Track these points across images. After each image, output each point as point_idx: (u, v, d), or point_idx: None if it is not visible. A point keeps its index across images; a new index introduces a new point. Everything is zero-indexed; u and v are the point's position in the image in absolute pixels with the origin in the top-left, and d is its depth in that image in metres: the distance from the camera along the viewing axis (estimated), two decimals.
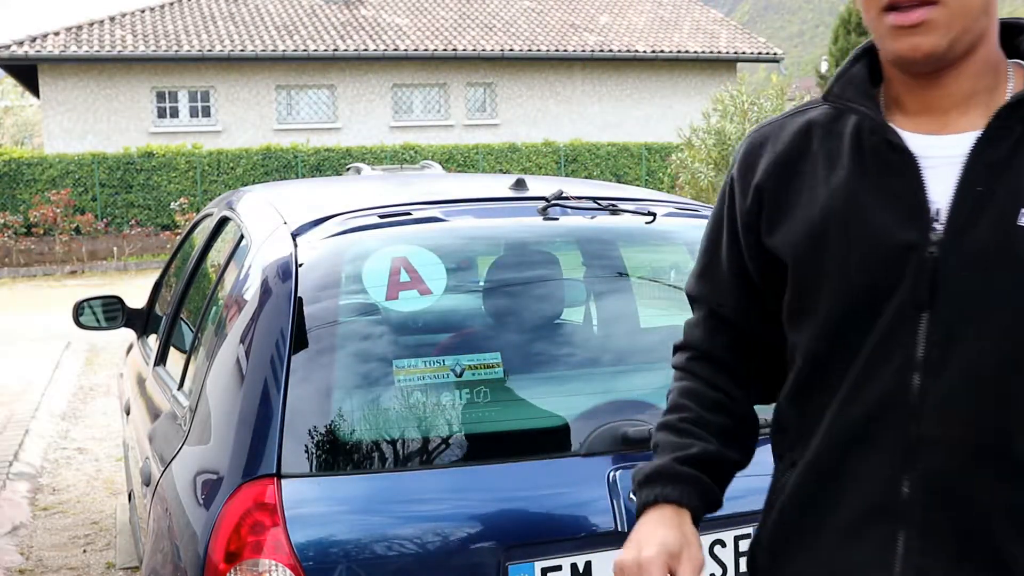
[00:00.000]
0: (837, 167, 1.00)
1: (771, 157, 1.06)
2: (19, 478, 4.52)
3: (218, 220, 2.46)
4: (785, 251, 1.02)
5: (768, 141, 1.07)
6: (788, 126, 1.07)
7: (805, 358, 1.02)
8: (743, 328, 1.12)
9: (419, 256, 1.76)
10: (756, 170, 1.07)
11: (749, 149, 1.09)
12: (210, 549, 1.44)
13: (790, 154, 1.05)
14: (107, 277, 14.13)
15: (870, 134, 0.99)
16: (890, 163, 0.97)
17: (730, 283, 1.12)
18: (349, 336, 1.67)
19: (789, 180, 1.03)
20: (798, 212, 1.02)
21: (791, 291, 1.03)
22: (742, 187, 1.08)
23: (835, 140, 1.02)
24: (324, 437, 1.53)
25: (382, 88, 18.29)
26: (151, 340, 2.95)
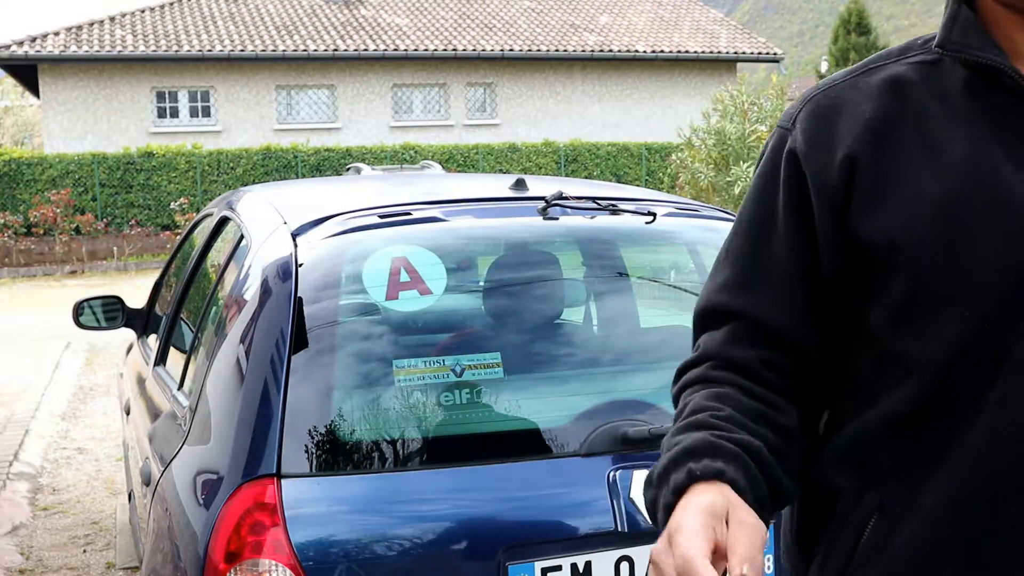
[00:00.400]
0: (955, 132, 0.82)
1: (857, 122, 0.85)
2: (19, 478, 4.52)
3: (218, 220, 2.46)
4: (895, 236, 0.81)
5: (842, 105, 0.87)
6: (863, 86, 0.88)
7: (927, 371, 0.80)
8: (800, 346, 0.88)
9: (419, 256, 1.76)
10: (838, 139, 0.85)
11: (816, 116, 0.88)
12: (210, 549, 1.44)
13: (883, 118, 0.85)
14: (107, 277, 14.13)
15: (1003, 90, 0.81)
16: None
17: (788, 288, 0.88)
18: (349, 336, 1.67)
19: (888, 150, 0.83)
20: (907, 189, 0.82)
21: (902, 287, 0.81)
22: (819, 162, 0.86)
23: (942, 99, 0.84)
24: (324, 437, 1.53)
25: (382, 88, 18.28)
26: (151, 340, 2.95)
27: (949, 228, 0.80)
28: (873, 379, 0.84)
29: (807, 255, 0.88)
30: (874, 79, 0.88)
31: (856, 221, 0.84)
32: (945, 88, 0.84)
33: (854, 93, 0.88)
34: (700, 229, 2.08)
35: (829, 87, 0.90)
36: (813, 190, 0.86)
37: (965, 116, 0.82)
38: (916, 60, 0.88)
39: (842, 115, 0.87)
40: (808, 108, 0.90)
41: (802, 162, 0.87)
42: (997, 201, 0.79)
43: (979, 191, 0.79)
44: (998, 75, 0.81)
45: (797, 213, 0.88)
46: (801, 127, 0.89)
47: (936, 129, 0.83)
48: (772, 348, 0.88)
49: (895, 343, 0.82)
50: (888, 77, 0.87)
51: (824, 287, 0.87)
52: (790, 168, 0.89)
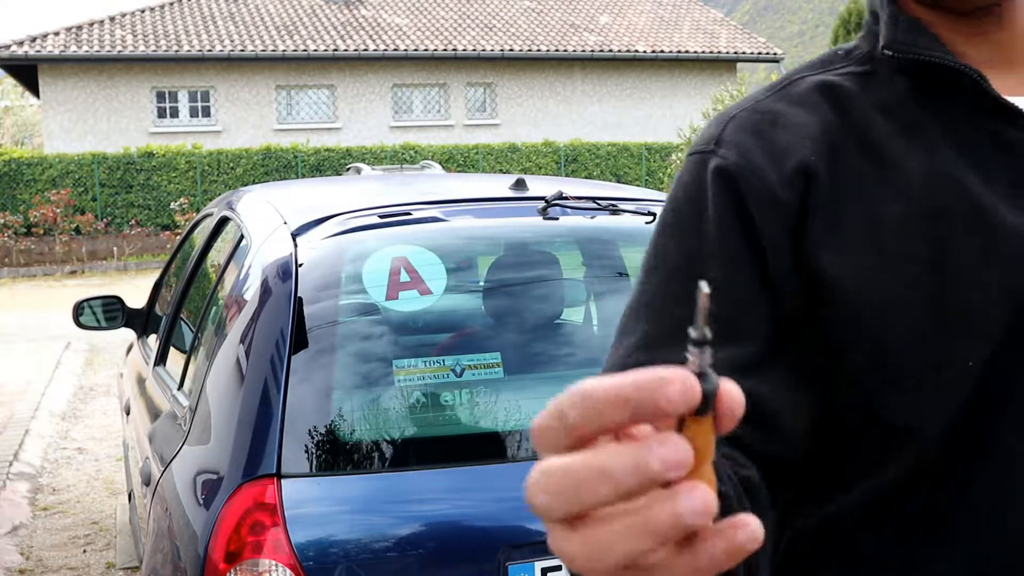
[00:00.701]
0: (908, 145, 0.68)
1: (801, 131, 0.70)
2: (19, 478, 4.52)
3: (218, 220, 2.45)
4: (863, 269, 0.65)
5: (778, 117, 0.71)
6: (793, 98, 0.73)
7: (923, 439, 0.64)
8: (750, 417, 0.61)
9: (419, 256, 1.76)
10: (784, 150, 0.69)
11: (748, 130, 0.71)
12: (210, 549, 1.44)
13: (827, 130, 0.70)
14: (107, 277, 14.12)
15: (958, 96, 0.69)
16: (999, 137, 0.67)
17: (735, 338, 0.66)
18: (349, 336, 1.67)
19: (840, 165, 0.68)
20: (870, 213, 0.66)
21: (881, 333, 0.64)
22: (763, 174, 0.68)
23: (886, 112, 0.70)
24: (324, 437, 1.53)
25: (382, 88, 18.28)
26: (151, 340, 2.95)
27: (929, 255, 0.65)
28: (852, 453, 0.67)
29: (754, 291, 0.66)
30: (802, 89, 0.73)
31: (816, 249, 0.66)
32: (887, 100, 0.70)
33: (785, 105, 0.72)
34: None
35: (751, 104, 0.74)
36: (759, 208, 0.67)
37: (916, 129, 0.68)
38: (845, 72, 0.73)
39: (780, 126, 0.70)
40: (735, 124, 0.72)
41: (739, 179, 0.68)
42: (980, 222, 0.65)
43: (954, 209, 0.65)
44: (953, 79, 0.68)
45: (739, 242, 0.67)
46: (730, 143, 0.70)
47: (887, 144, 0.68)
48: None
49: (878, 406, 0.65)
50: (820, 84, 0.72)
51: (778, 330, 0.66)
52: (723, 189, 0.68)
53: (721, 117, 0.74)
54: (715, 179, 0.69)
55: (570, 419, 0.35)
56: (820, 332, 0.66)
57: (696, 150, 0.73)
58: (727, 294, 0.66)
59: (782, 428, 0.65)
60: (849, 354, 0.65)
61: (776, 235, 0.67)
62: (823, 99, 0.72)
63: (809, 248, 0.66)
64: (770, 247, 0.67)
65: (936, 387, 0.64)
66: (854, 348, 0.65)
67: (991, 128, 0.68)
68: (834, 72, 0.74)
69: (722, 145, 0.71)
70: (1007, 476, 0.64)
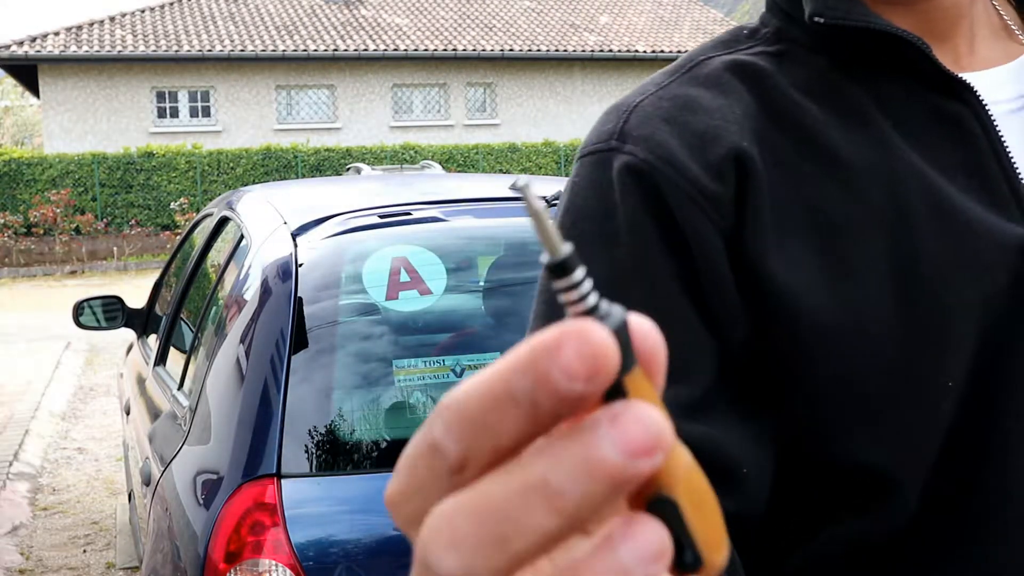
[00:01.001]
0: (852, 133, 0.57)
1: (726, 119, 0.57)
2: (19, 478, 4.52)
3: (218, 220, 2.45)
4: (813, 293, 0.54)
5: (690, 102, 0.58)
6: (702, 80, 0.60)
7: (903, 484, 0.54)
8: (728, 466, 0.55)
9: (419, 256, 1.76)
10: (707, 135, 0.56)
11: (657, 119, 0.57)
12: (210, 549, 1.44)
13: (753, 117, 0.58)
14: (107, 277, 14.12)
15: (898, 73, 0.58)
16: (945, 117, 0.57)
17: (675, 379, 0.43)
18: (349, 336, 1.67)
19: (771, 160, 0.56)
20: (816, 219, 0.55)
21: (842, 367, 0.53)
22: (685, 166, 0.55)
23: (811, 94, 0.58)
24: (324, 437, 1.53)
25: (382, 88, 18.28)
26: (151, 340, 2.95)
27: (894, 263, 0.54)
28: (819, 503, 0.55)
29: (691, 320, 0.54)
30: (711, 70, 0.60)
31: (762, 252, 0.53)
32: (809, 82, 0.59)
33: (696, 89, 0.59)
34: None
35: (654, 91, 0.60)
36: (683, 208, 0.54)
37: (854, 113, 0.57)
38: (756, 51, 0.61)
39: (695, 110, 0.58)
40: (639, 114, 0.58)
41: (654, 176, 0.55)
42: (947, 221, 0.55)
43: (917, 208, 0.55)
44: (885, 52, 0.57)
45: (665, 257, 0.54)
46: (637, 136, 0.57)
47: (821, 132, 0.57)
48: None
49: (844, 443, 0.54)
50: (731, 64, 0.60)
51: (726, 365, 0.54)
52: (634, 192, 0.55)
53: (617, 108, 0.60)
54: (623, 180, 0.55)
55: (450, 453, 0.21)
56: (770, 356, 0.53)
57: (592, 150, 0.58)
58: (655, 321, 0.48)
59: (744, 480, 0.53)
60: (805, 382, 0.53)
61: (708, 238, 0.54)
62: (737, 79, 0.59)
63: (752, 251, 0.53)
64: (702, 255, 0.53)
65: (914, 416, 0.53)
66: (811, 375, 0.53)
67: (933, 105, 0.57)
68: (743, 52, 0.61)
69: (626, 139, 0.57)
70: (1000, 514, 0.54)
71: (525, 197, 0.22)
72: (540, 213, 0.22)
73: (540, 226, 0.22)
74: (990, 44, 0.62)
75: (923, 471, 0.53)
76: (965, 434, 0.54)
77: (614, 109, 0.61)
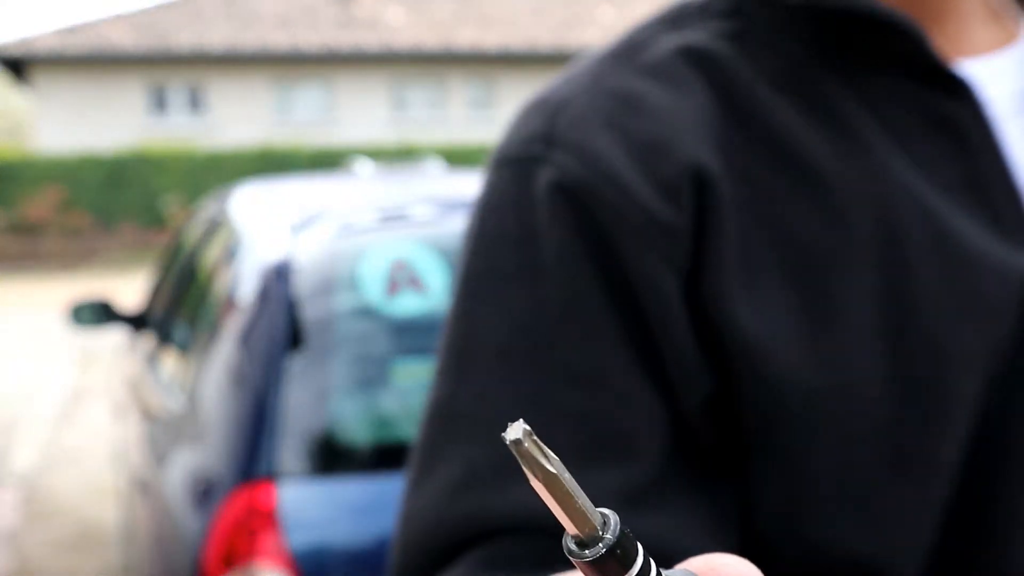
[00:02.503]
0: (837, 143, 0.47)
1: (678, 124, 0.46)
2: (11, 481, 4.50)
3: (213, 219, 2.43)
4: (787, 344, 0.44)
5: (633, 100, 0.47)
6: (645, 69, 0.49)
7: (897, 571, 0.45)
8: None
9: (418, 256, 1.74)
10: (663, 147, 0.46)
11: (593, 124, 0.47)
12: (205, 553, 1.42)
13: (714, 120, 0.47)
14: (99, 276, 14.09)
15: (884, 62, 0.48)
16: (939, 119, 0.47)
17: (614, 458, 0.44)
18: (347, 337, 1.65)
19: (739, 176, 0.46)
20: (793, 252, 0.46)
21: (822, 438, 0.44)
22: (629, 186, 0.45)
23: (776, 86, 0.48)
24: (322, 439, 1.51)
25: (380, 84, 18.27)
26: (145, 341, 2.93)
27: (884, 305, 0.45)
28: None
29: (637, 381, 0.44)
30: (660, 56, 0.49)
31: (725, 296, 0.44)
32: (776, 74, 0.48)
33: (643, 82, 0.48)
34: None
35: (591, 81, 0.49)
36: (626, 238, 0.44)
37: (837, 117, 0.47)
38: (710, 31, 0.50)
39: (642, 112, 0.47)
40: (569, 116, 0.47)
41: (590, 198, 0.45)
42: (947, 252, 0.45)
43: (911, 235, 0.45)
44: (871, 39, 0.47)
45: (601, 299, 0.44)
46: (568, 142, 0.46)
47: (799, 140, 0.46)
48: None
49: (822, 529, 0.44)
50: (685, 51, 0.49)
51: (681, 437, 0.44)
52: (564, 216, 0.45)
53: (542, 103, 0.49)
54: (551, 200, 0.45)
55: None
56: (736, 424, 0.44)
57: (510, 156, 0.48)
58: (591, 386, 0.43)
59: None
60: (778, 455, 0.44)
61: (659, 280, 0.43)
62: (690, 69, 0.48)
63: (714, 294, 0.44)
64: (651, 301, 0.43)
65: (909, 493, 0.44)
66: (786, 446, 0.44)
67: (925, 105, 0.47)
68: (693, 30, 0.50)
69: (555, 146, 0.46)
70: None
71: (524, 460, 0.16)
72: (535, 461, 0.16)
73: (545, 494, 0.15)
74: (982, 27, 0.51)
75: (918, 556, 0.44)
76: (966, 509, 0.45)
77: (538, 104, 0.49)
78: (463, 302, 0.47)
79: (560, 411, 0.43)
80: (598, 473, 0.42)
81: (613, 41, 0.52)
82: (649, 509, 0.43)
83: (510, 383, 0.44)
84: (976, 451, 0.45)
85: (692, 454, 0.44)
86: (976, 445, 0.45)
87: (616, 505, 0.41)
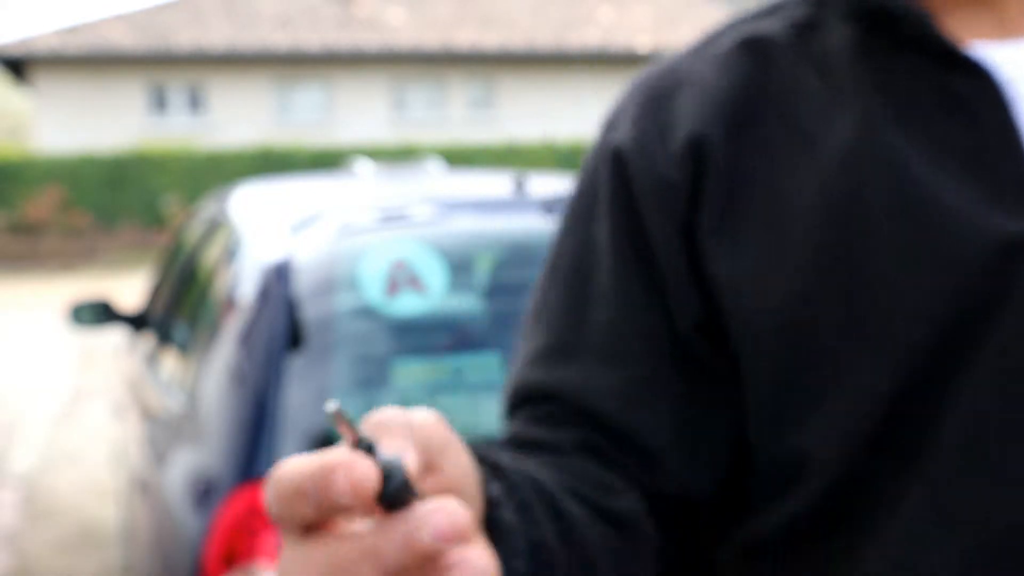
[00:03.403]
0: (838, 113, 0.55)
1: (703, 95, 0.58)
2: (11, 481, 4.50)
3: (213, 218, 2.43)
4: (765, 277, 0.54)
5: (684, 79, 0.60)
6: (710, 55, 0.61)
7: (826, 472, 0.54)
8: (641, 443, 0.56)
9: (419, 256, 1.74)
10: (677, 118, 0.58)
11: (647, 100, 0.60)
12: (205, 553, 1.42)
13: (738, 94, 0.58)
14: (99, 276, 14.09)
15: (906, 49, 0.55)
16: (952, 96, 0.54)
17: (618, 357, 0.57)
18: (347, 337, 1.65)
19: (747, 138, 0.57)
20: (786, 203, 0.55)
21: (778, 359, 0.54)
22: (651, 152, 0.58)
23: (823, 70, 0.57)
24: (321, 439, 1.51)
25: (380, 84, 18.27)
26: (145, 341, 2.92)
27: (840, 252, 0.53)
28: (755, 485, 0.57)
29: (644, 304, 0.57)
30: (725, 45, 0.60)
31: (707, 246, 0.55)
32: (826, 55, 0.57)
33: (699, 64, 0.60)
34: None
35: (667, 64, 0.63)
36: (645, 195, 0.57)
37: (853, 91, 0.55)
38: (786, 20, 0.60)
39: (682, 90, 0.59)
40: (638, 92, 0.62)
41: (628, 160, 0.58)
42: (909, 207, 0.52)
43: (875, 193, 0.53)
44: (897, 26, 0.55)
45: (626, 240, 0.57)
46: (626, 117, 0.60)
47: (811, 111, 0.56)
48: (604, 438, 0.56)
49: (777, 441, 0.55)
50: (744, 39, 0.60)
51: (677, 350, 0.56)
52: (612, 174, 0.58)
53: (632, 82, 0.63)
54: (607, 163, 0.59)
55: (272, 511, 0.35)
56: (718, 345, 0.56)
57: (604, 123, 0.63)
58: (614, 307, 0.57)
59: (667, 466, 0.55)
60: (746, 371, 0.55)
61: (665, 230, 0.56)
62: (744, 57, 0.59)
63: (701, 243, 0.55)
64: (659, 246, 0.56)
65: (843, 415, 0.52)
66: (751, 366, 0.55)
67: (941, 83, 0.54)
68: (773, 20, 0.60)
69: (619, 120, 0.60)
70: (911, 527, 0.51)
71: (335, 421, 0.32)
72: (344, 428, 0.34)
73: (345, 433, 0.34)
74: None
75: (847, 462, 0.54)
76: (895, 438, 0.53)
77: (630, 82, 0.64)
78: (556, 235, 0.63)
79: (589, 320, 0.58)
80: (608, 370, 0.57)
81: (709, 30, 0.64)
82: (634, 406, 0.56)
83: (564, 296, 0.60)
84: (914, 387, 0.52)
85: (684, 364, 0.57)
86: (916, 383, 0.52)
87: (608, 398, 0.56)
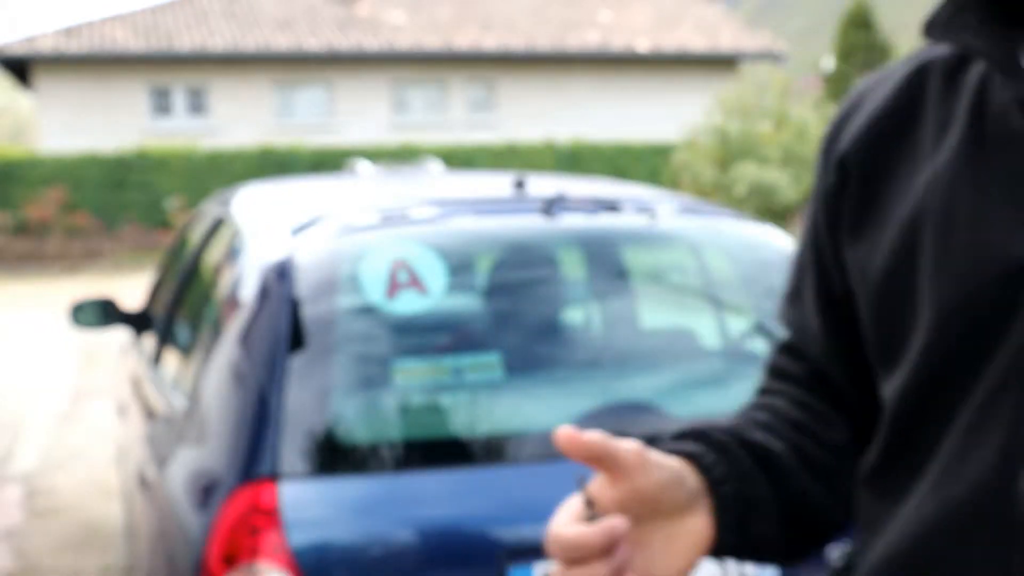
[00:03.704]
0: (946, 140, 0.66)
1: (864, 118, 0.72)
2: (13, 480, 4.50)
3: (215, 219, 2.44)
4: (863, 267, 0.71)
5: (866, 97, 0.74)
6: (893, 76, 0.73)
7: (888, 421, 0.69)
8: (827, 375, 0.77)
9: (419, 256, 1.74)
10: (843, 136, 0.74)
11: (843, 110, 0.76)
12: (207, 552, 1.42)
13: (892, 116, 0.71)
14: (102, 276, 14.09)
15: (998, 89, 0.64)
16: (1017, 134, 0.63)
17: (810, 308, 0.78)
18: (348, 336, 1.66)
19: (889, 157, 0.70)
20: (893, 210, 0.69)
21: (871, 327, 0.71)
22: (825, 160, 0.75)
23: (952, 97, 0.68)
24: (323, 438, 1.51)
25: (380, 86, 18.27)
26: (147, 341, 2.93)
27: (904, 261, 0.67)
28: (867, 427, 0.74)
29: (819, 272, 0.76)
30: (898, 68, 0.73)
31: (848, 243, 0.72)
32: (960, 84, 0.67)
33: (881, 84, 0.73)
34: (704, 229, 2.07)
35: (873, 77, 0.76)
36: (817, 192, 0.76)
37: (963, 121, 0.65)
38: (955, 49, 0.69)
39: (860, 109, 0.74)
40: (843, 101, 0.77)
41: (818, 167, 0.77)
42: (959, 229, 0.63)
43: (943, 216, 0.65)
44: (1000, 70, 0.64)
45: (810, 223, 0.77)
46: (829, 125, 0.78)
47: (927, 136, 0.68)
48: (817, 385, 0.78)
49: (880, 389, 0.72)
50: (918, 66, 0.71)
51: (839, 312, 0.75)
52: (818, 167, 0.77)
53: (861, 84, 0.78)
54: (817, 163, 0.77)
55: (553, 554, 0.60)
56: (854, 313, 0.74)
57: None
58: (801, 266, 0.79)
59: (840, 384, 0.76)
60: (865, 338, 0.73)
61: (823, 220, 0.75)
62: (910, 81, 0.71)
63: (841, 236, 0.73)
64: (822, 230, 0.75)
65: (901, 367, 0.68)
66: (866, 333, 0.72)
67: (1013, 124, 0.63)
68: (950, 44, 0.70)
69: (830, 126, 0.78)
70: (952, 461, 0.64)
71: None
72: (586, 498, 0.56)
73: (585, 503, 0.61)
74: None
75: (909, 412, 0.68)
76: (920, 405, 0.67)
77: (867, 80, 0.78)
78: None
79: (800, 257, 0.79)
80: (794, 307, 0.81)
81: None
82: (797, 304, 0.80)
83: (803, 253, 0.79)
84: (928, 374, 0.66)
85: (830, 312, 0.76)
86: (930, 372, 0.66)
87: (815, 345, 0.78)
